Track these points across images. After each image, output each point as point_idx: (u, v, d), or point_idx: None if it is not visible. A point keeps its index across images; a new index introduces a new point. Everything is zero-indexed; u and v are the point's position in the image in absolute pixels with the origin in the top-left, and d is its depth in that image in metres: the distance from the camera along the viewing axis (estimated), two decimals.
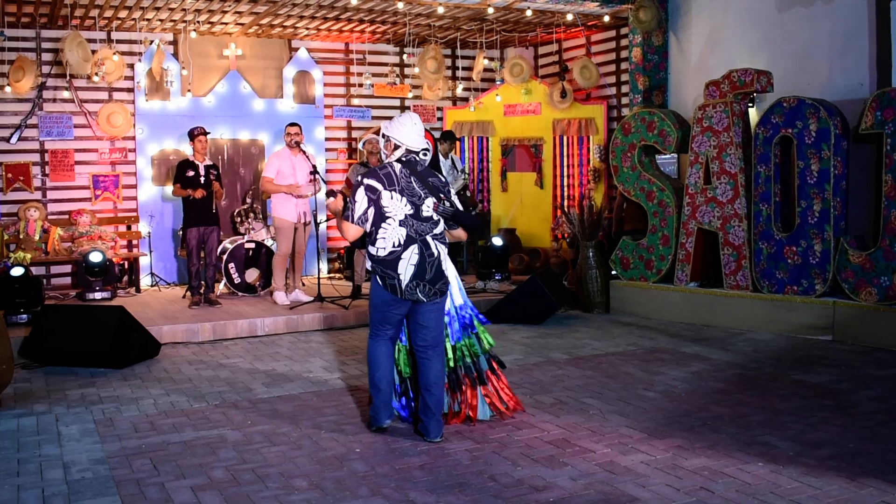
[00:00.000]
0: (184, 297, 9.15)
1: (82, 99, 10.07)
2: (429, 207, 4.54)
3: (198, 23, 9.83)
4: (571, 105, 10.81)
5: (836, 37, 7.85)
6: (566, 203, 11.05)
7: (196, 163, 8.66)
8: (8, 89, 9.47)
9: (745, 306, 7.74)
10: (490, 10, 9.39)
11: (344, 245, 11.01)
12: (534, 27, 10.68)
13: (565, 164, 11.15)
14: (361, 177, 4.56)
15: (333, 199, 4.76)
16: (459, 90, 11.94)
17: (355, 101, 11.52)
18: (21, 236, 9.36)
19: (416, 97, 11.78)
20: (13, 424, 5.02)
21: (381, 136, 4.68)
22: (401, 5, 9.04)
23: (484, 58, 11.13)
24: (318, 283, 8.82)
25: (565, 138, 11.09)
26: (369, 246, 4.56)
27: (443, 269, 4.58)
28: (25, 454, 4.45)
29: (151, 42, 9.98)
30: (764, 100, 8.19)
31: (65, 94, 9.96)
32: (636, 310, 8.63)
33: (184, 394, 5.70)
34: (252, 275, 9.35)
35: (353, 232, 4.54)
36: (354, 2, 8.99)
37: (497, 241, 10.17)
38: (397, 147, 4.60)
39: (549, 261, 10.77)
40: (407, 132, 4.58)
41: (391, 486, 3.87)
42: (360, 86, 11.18)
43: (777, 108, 7.54)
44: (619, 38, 10.58)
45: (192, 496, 3.79)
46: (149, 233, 10.17)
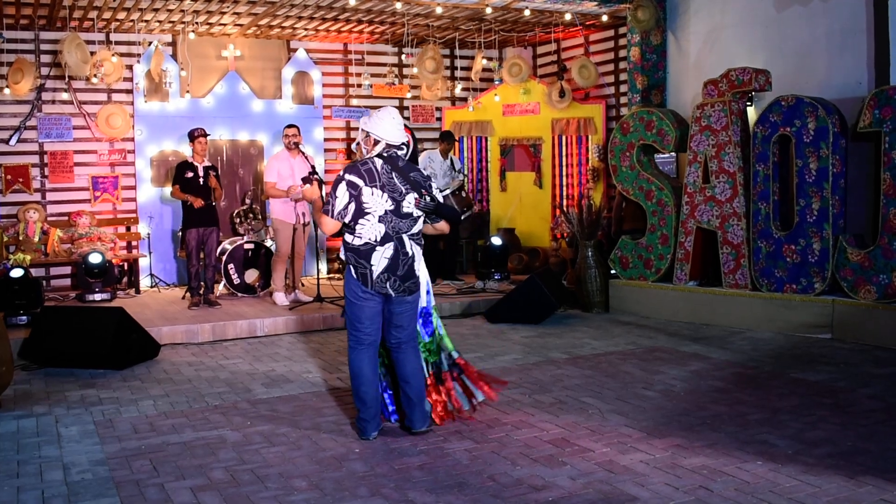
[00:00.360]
0: (183, 298, 9.15)
1: (81, 100, 10.07)
2: (410, 203, 4.53)
3: (196, 24, 9.84)
4: (570, 105, 10.80)
5: (834, 35, 7.86)
6: (565, 202, 11.04)
7: (195, 164, 8.67)
8: (7, 91, 9.47)
9: (743, 305, 7.74)
10: (488, 10, 9.38)
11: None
12: (532, 27, 10.68)
13: (564, 163, 11.14)
14: (343, 172, 4.53)
15: (309, 187, 4.74)
16: (458, 90, 11.95)
17: (354, 102, 11.52)
18: (20, 238, 9.35)
19: (414, 97, 11.77)
20: (13, 426, 5.03)
21: (360, 132, 4.64)
22: (399, 5, 9.03)
23: (482, 58, 11.12)
24: (318, 284, 8.82)
25: (564, 138, 11.08)
26: (346, 233, 4.55)
27: (415, 269, 4.60)
28: (25, 455, 4.46)
29: (150, 43, 9.96)
30: (762, 98, 8.18)
31: (64, 96, 9.95)
32: (635, 309, 8.63)
33: (183, 395, 5.71)
34: (251, 275, 9.36)
35: (331, 226, 4.54)
36: (353, 2, 8.99)
37: (496, 241, 10.16)
38: (377, 142, 4.58)
39: (548, 260, 10.77)
40: (386, 127, 4.55)
41: (390, 487, 3.87)
42: (359, 86, 11.16)
43: (775, 107, 7.55)
44: (617, 37, 10.58)
45: (192, 497, 3.80)
46: (148, 234, 10.18)
